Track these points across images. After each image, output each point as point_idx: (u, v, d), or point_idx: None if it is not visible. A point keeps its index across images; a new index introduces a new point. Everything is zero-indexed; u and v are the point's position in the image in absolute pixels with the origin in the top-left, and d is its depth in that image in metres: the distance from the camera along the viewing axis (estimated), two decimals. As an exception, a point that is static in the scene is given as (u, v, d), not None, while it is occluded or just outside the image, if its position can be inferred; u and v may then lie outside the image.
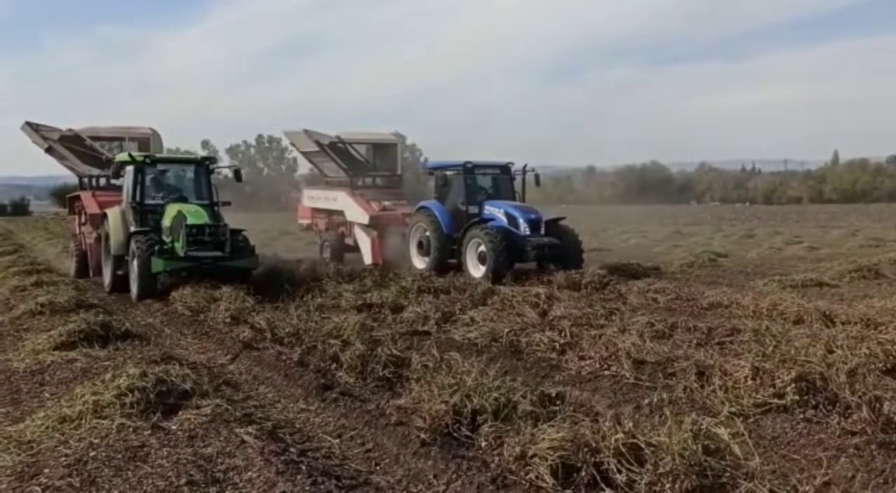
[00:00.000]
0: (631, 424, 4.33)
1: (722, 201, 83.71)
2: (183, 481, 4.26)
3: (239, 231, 12.98)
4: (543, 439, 4.28)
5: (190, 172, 14.19)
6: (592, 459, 4.09)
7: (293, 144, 20.63)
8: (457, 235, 15.21)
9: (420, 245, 16.00)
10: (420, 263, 15.84)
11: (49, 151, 17.33)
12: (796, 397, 5.45)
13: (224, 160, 62.49)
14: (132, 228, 13.06)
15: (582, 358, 7.29)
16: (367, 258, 17.57)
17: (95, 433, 5.04)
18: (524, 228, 14.68)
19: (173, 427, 5.18)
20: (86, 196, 16.22)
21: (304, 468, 4.45)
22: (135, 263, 12.39)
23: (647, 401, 5.86)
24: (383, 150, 20.33)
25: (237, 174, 15.05)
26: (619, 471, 3.99)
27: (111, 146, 18.16)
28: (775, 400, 5.50)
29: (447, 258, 15.29)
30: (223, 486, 4.25)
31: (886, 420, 4.88)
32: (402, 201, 18.55)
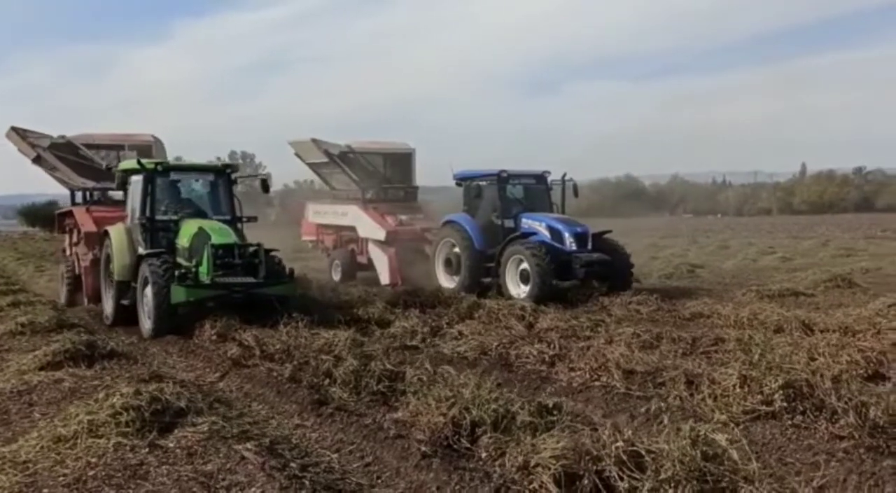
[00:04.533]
0: (630, 432, 4.42)
1: (695, 213, 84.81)
2: (187, 497, 4.26)
3: (270, 251, 11.08)
4: (545, 448, 4.35)
5: (209, 183, 12.28)
6: (594, 467, 4.16)
7: (298, 155, 19.06)
8: (491, 252, 13.90)
9: (448, 263, 14.64)
10: (448, 282, 14.45)
11: (37, 160, 15.45)
12: (784, 404, 5.59)
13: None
14: (141, 250, 11.31)
15: (572, 369, 7.38)
16: (385, 278, 16.24)
17: (92, 452, 5.00)
18: (570, 244, 13.38)
19: (171, 445, 5.15)
20: (79, 212, 14.50)
21: (307, 482, 4.46)
22: (147, 291, 10.52)
23: (643, 409, 5.97)
24: (397, 160, 18.94)
25: (264, 185, 13.06)
26: (621, 478, 4.07)
27: (108, 155, 16.06)
28: (764, 407, 5.64)
29: (480, 277, 13.98)
30: (228, 502, 4.25)
31: (873, 425, 5.02)
32: (419, 215, 17.41)
